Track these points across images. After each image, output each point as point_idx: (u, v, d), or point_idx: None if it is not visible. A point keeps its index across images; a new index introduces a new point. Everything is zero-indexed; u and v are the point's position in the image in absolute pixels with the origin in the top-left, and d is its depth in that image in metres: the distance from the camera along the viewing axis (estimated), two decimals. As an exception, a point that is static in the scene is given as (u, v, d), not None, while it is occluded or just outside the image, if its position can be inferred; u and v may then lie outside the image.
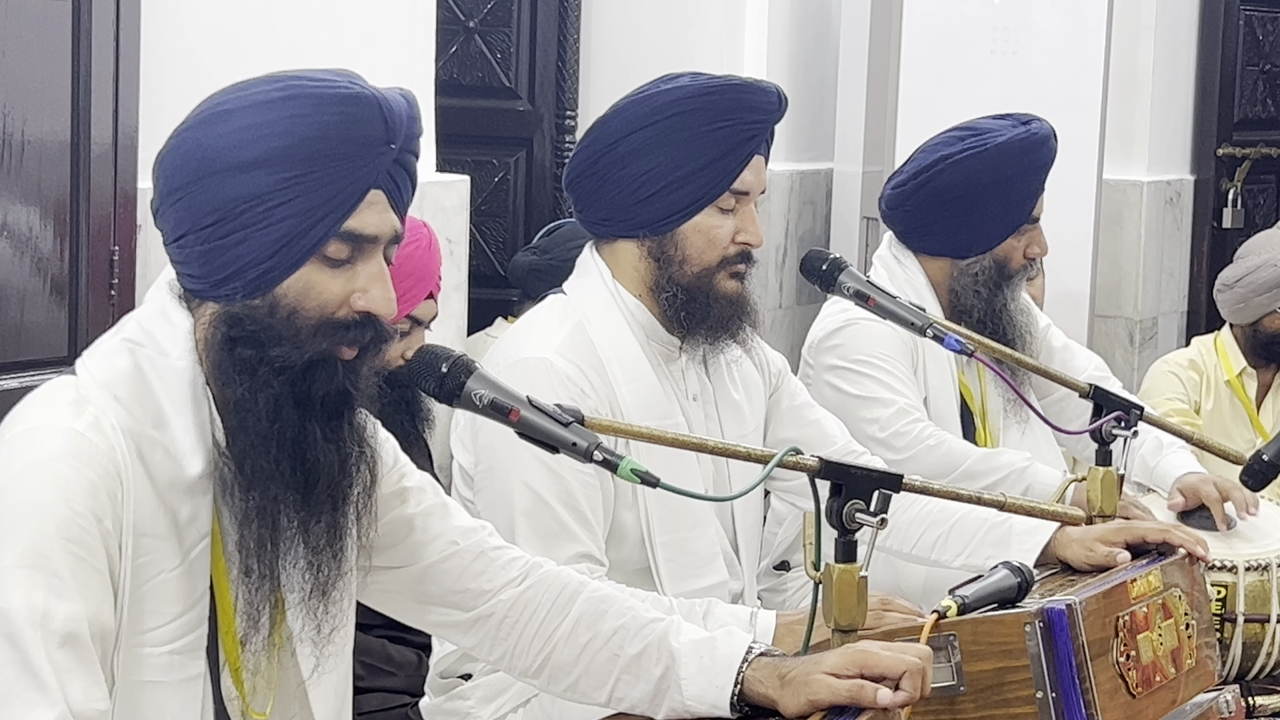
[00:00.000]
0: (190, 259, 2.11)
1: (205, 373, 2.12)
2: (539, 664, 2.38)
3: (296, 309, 2.10)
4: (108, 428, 2.06)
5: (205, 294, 2.12)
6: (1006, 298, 3.86)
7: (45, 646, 1.97)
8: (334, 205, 2.09)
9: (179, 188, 2.10)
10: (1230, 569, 3.30)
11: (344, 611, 2.22)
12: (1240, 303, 5.12)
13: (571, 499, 2.84)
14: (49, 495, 2.01)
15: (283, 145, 2.07)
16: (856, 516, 2.30)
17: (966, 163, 3.86)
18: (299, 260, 2.09)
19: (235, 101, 2.11)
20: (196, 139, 2.10)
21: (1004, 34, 5.66)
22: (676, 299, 2.97)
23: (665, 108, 2.95)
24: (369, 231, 2.12)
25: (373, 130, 2.11)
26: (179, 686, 2.11)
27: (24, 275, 3.40)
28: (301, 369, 2.09)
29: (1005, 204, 3.84)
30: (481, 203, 5.45)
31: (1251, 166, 7.07)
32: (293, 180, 2.07)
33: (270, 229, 2.07)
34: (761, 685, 2.25)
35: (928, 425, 3.65)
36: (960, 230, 3.85)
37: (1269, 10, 7.22)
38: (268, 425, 2.09)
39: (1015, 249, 3.88)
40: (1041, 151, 3.88)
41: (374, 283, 2.13)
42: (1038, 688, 2.36)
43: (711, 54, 5.37)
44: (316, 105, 2.09)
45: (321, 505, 2.13)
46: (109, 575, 2.04)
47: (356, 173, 2.10)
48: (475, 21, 5.55)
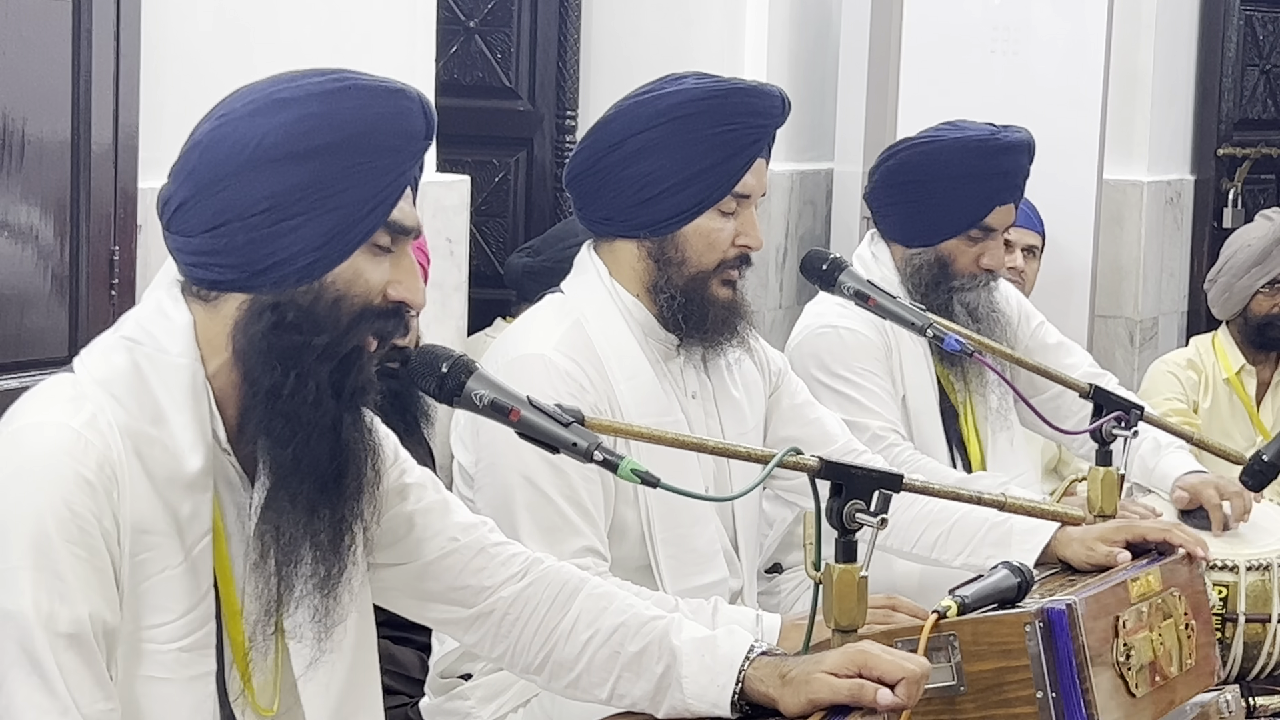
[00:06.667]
0: (229, 249, 2.10)
1: (207, 368, 2.13)
2: (540, 661, 2.39)
3: (343, 296, 2.12)
4: (104, 425, 2.06)
5: (236, 285, 2.12)
6: (947, 300, 3.81)
7: (53, 649, 1.98)
8: (385, 195, 2.13)
9: (227, 175, 2.10)
10: (1231, 569, 3.30)
11: (347, 605, 2.22)
12: (1225, 292, 5.14)
13: (574, 493, 2.84)
14: (47, 493, 2.01)
15: (341, 135, 2.10)
16: (857, 516, 2.30)
17: (922, 149, 3.87)
18: (351, 248, 2.12)
19: (288, 91, 2.12)
20: (249, 128, 2.10)
21: (1004, 34, 5.65)
22: (674, 300, 2.97)
23: (670, 110, 2.94)
24: (409, 223, 2.17)
25: (417, 124, 2.16)
26: (188, 684, 2.11)
27: (24, 275, 3.40)
28: (341, 358, 2.11)
29: (954, 201, 3.80)
30: (481, 203, 5.44)
31: (1251, 166, 7.06)
32: (349, 170, 2.10)
33: (325, 217, 2.10)
34: (762, 684, 2.26)
35: (902, 449, 3.64)
36: (908, 218, 3.86)
37: (1269, 10, 7.22)
38: (312, 412, 2.09)
39: (963, 252, 3.83)
40: (1002, 157, 3.83)
41: (408, 274, 2.17)
42: (1038, 688, 2.36)
43: (712, 54, 5.36)
44: (371, 98, 2.13)
45: (343, 496, 2.14)
46: (109, 573, 2.04)
47: (403, 165, 2.15)
48: (475, 21, 5.55)
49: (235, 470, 2.16)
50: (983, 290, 3.85)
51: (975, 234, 3.83)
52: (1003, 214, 3.85)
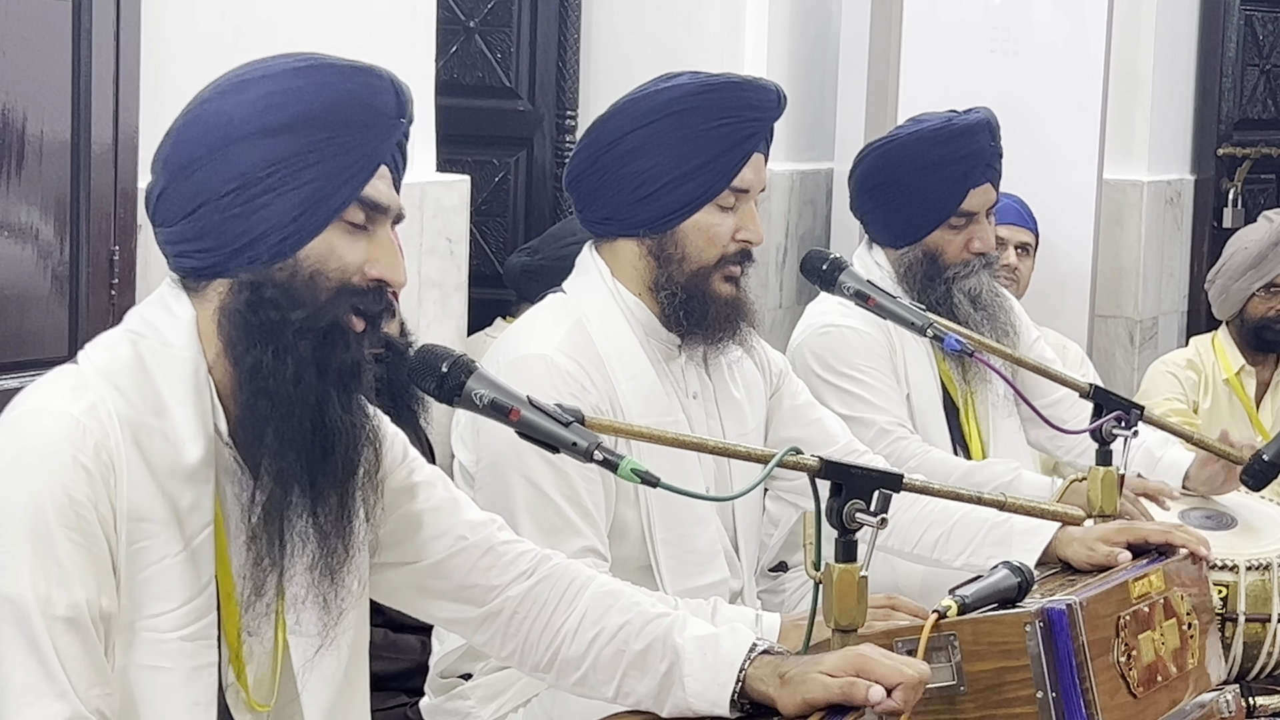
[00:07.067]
0: (205, 232, 2.13)
1: (209, 360, 2.14)
2: (548, 659, 2.39)
3: (318, 271, 2.13)
4: (103, 414, 2.08)
5: (217, 269, 2.14)
6: (945, 292, 3.81)
7: (50, 633, 1.99)
8: (355, 171, 2.14)
9: (197, 158, 2.12)
10: (1231, 568, 3.30)
11: (352, 594, 2.22)
12: (1222, 294, 5.14)
13: (574, 494, 2.84)
14: (45, 479, 2.03)
15: (308, 110, 2.12)
16: (857, 516, 2.30)
17: (882, 150, 3.88)
18: (322, 224, 2.13)
19: (255, 72, 2.15)
20: (217, 108, 2.13)
21: (1004, 34, 5.65)
22: (676, 298, 2.98)
23: (664, 106, 2.95)
24: (384, 201, 2.18)
25: (388, 102, 2.18)
26: (190, 674, 2.12)
27: (24, 275, 3.40)
28: (321, 335, 2.12)
29: (926, 194, 3.80)
30: (481, 203, 5.44)
31: (1251, 166, 7.06)
32: (318, 144, 2.12)
33: (295, 193, 2.11)
34: (762, 684, 2.26)
35: (910, 442, 3.64)
36: (888, 219, 3.87)
37: (1269, 10, 7.21)
38: (291, 388, 2.11)
39: (950, 242, 3.84)
40: (961, 141, 3.82)
41: (386, 252, 2.18)
42: (1038, 688, 2.36)
43: (711, 54, 5.36)
44: (338, 75, 2.15)
45: (334, 475, 2.14)
46: (106, 559, 2.06)
47: (374, 142, 2.16)
48: (475, 21, 5.55)
49: (237, 463, 2.16)
50: (982, 274, 3.86)
51: (956, 221, 3.83)
52: (979, 196, 3.84)
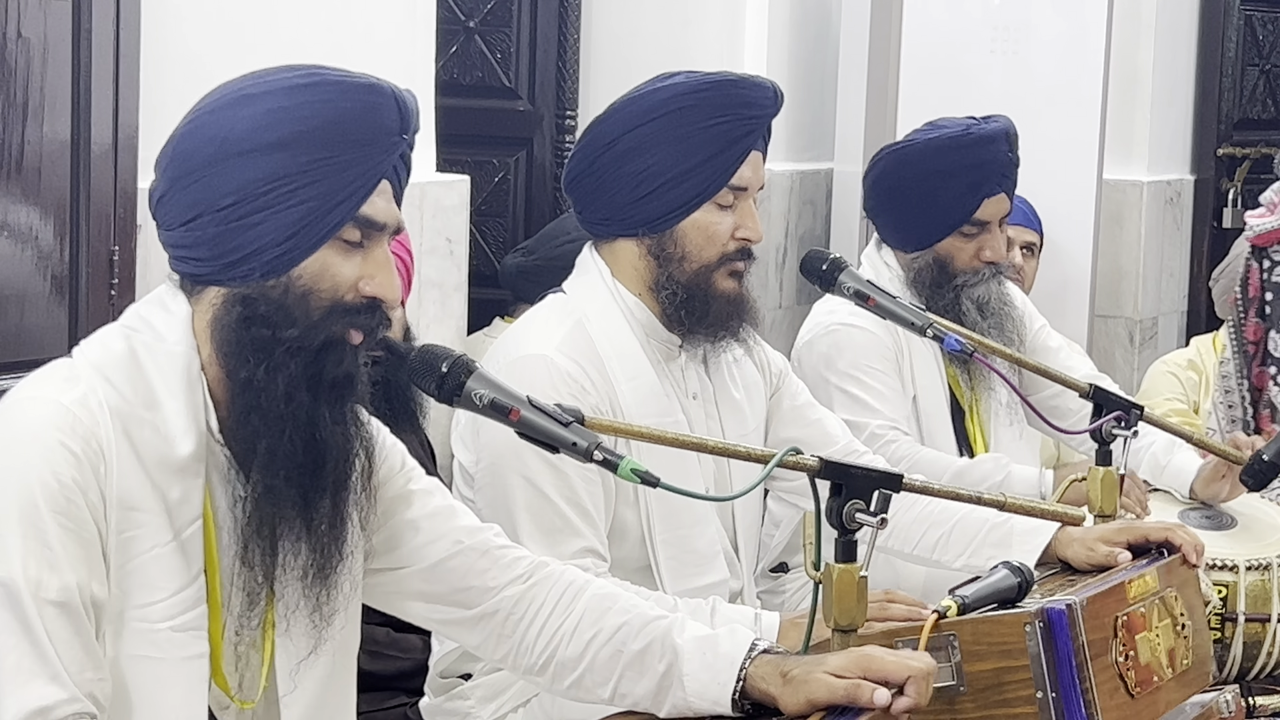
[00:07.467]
0: (201, 241, 2.13)
1: (202, 358, 2.15)
2: (543, 661, 2.39)
3: (311, 290, 2.13)
4: (94, 404, 2.09)
5: (211, 278, 2.15)
6: (954, 299, 3.80)
7: (42, 616, 2.00)
8: (352, 190, 2.14)
9: (197, 168, 2.13)
10: (1231, 568, 3.30)
11: (344, 596, 2.23)
12: (1225, 294, 5.13)
13: (574, 494, 2.84)
14: (35, 465, 2.04)
15: (308, 128, 2.12)
16: (856, 516, 2.30)
17: (899, 154, 3.87)
18: (317, 243, 2.13)
19: (258, 86, 2.15)
20: (219, 121, 2.13)
21: (1004, 34, 5.65)
22: (676, 297, 2.97)
23: (661, 105, 2.95)
24: (381, 219, 2.18)
25: (390, 119, 2.17)
26: (180, 665, 2.12)
27: (24, 275, 3.40)
28: (314, 351, 2.12)
29: (940, 200, 3.79)
30: (481, 203, 5.44)
31: (1251, 166, 7.05)
32: (316, 163, 2.12)
33: (290, 210, 2.11)
34: (764, 683, 2.26)
35: (901, 444, 3.64)
36: (900, 223, 3.86)
37: (1269, 10, 7.21)
38: (282, 406, 2.11)
39: (961, 250, 3.82)
40: (979, 149, 3.80)
41: (381, 270, 2.18)
42: (1038, 688, 2.36)
43: (711, 54, 5.36)
44: (340, 92, 2.15)
45: (325, 488, 2.15)
46: (96, 545, 2.07)
47: (373, 160, 2.16)
48: (475, 21, 5.54)
49: (228, 461, 2.17)
50: (991, 283, 3.84)
51: (969, 229, 3.81)
52: (993, 205, 3.83)
